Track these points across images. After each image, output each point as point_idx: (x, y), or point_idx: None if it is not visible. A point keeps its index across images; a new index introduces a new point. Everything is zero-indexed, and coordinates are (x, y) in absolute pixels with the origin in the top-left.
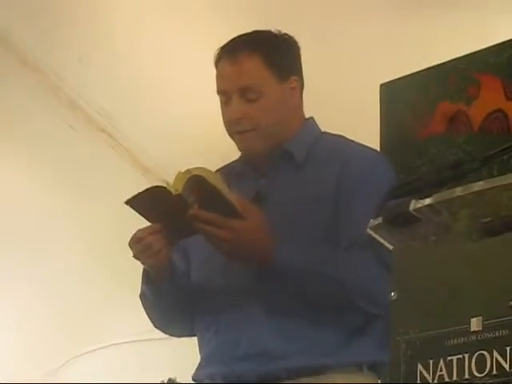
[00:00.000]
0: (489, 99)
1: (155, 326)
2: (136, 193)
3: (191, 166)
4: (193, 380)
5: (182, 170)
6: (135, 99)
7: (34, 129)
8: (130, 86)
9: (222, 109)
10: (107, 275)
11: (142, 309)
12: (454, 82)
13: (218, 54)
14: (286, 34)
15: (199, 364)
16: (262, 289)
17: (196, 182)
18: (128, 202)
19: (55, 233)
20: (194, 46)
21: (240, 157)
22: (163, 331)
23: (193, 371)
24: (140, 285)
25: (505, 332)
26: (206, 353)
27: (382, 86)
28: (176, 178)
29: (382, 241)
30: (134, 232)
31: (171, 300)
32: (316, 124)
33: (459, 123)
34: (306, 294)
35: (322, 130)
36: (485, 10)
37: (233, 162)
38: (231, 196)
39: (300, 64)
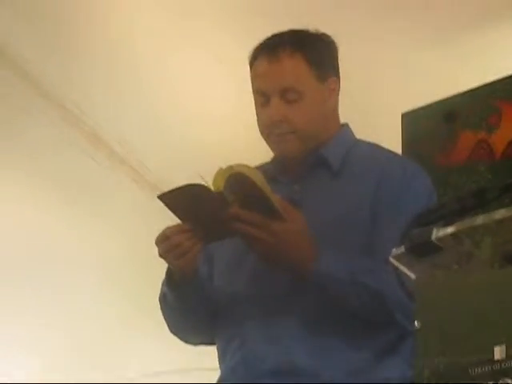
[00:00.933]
0: (510, 127)
1: (172, 332)
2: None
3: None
4: None
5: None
6: (157, 131)
7: (56, 161)
8: (153, 118)
9: (257, 109)
10: (129, 305)
11: (165, 339)
12: (475, 110)
13: (255, 52)
14: (324, 34)
15: (219, 378)
16: (294, 299)
17: (238, 179)
18: (161, 197)
19: (76, 263)
20: (217, 76)
21: (272, 159)
22: (180, 338)
23: None
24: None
25: None
26: (229, 366)
27: (403, 115)
28: (216, 175)
29: (404, 270)
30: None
31: (194, 305)
32: (351, 130)
33: (481, 152)
34: (344, 305)
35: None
36: (506, 38)
37: (266, 164)
38: (274, 197)
39: (338, 65)
